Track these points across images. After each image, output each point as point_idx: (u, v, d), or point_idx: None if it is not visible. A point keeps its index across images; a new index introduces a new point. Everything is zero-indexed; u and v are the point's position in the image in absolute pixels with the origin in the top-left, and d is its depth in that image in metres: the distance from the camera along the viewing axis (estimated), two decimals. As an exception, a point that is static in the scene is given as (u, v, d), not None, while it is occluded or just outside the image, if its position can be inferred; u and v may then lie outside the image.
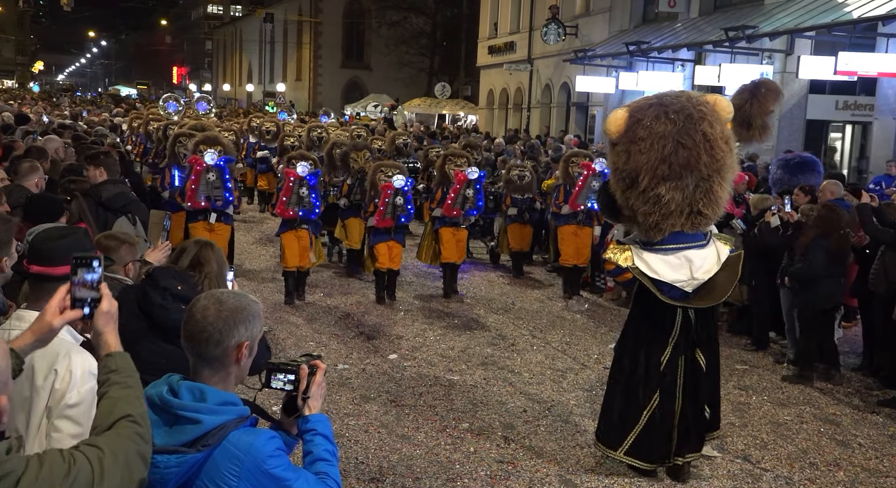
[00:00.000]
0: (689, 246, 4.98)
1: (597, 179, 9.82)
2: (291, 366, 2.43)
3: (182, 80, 77.01)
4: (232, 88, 66.14)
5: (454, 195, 9.85)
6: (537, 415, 6.51)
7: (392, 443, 5.85)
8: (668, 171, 4.72)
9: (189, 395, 2.23)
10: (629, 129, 4.83)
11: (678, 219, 4.85)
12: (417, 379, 7.22)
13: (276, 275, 10.55)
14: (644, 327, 5.19)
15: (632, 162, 4.80)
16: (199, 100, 23.14)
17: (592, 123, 27.99)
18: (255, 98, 57.33)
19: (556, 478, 5.44)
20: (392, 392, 6.87)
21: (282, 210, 9.28)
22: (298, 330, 8.58)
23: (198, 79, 75.84)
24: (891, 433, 6.53)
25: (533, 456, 5.77)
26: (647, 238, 5.02)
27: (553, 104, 29.89)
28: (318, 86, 52.84)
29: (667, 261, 4.93)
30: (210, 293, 2.36)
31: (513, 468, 5.56)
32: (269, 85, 57.73)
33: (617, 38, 25.13)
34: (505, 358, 7.95)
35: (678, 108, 4.76)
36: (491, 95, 34.79)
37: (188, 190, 9.04)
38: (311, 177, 9.19)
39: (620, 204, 5.01)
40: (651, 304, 5.08)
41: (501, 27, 33.72)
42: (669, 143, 4.71)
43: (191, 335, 2.27)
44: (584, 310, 9.92)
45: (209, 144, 9.20)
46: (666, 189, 4.74)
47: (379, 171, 9.64)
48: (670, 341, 5.07)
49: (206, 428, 2.17)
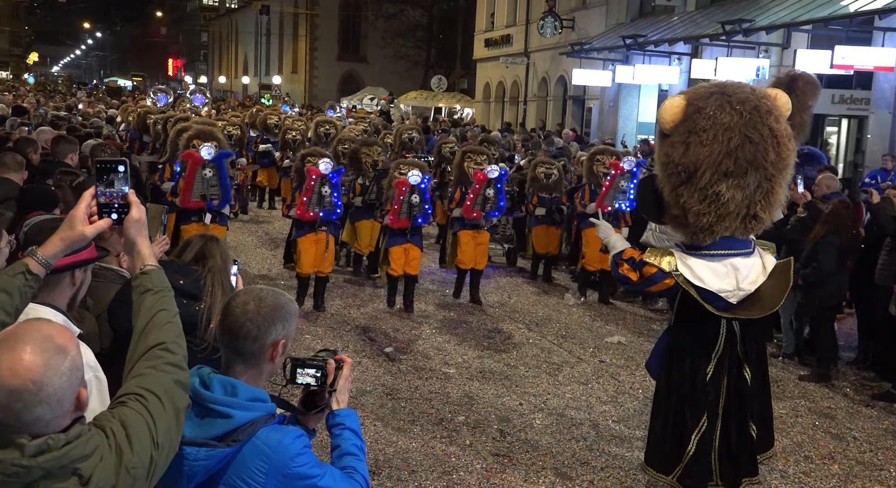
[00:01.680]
0: (737, 253, 4.52)
1: (625, 179, 9.43)
2: (317, 362, 2.41)
3: (177, 71, 76.74)
4: (228, 81, 65.93)
5: (474, 196, 9.23)
6: (533, 409, 6.52)
7: (388, 436, 5.85)
8: (732, 167, 4.26)
9: (221, 389, 2.22)
10: (688, 119, 4.34)
11: (733, 222, 4.38)
12: (413, 372, 7.23)
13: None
14: (687, 341, 4.70)
15: (690, 154, 4.30)
16: (195, 92, 22.91)
17: (589, 117, 27.98)
18: (250, 90, 57.16)
19: (552, 471, 5.45)
20: (388, 385, 6.87)
21: (301, 211, 8.48)
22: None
23: (193, 71, 75.61)
24: (885, 426, 6.55)
25: (528, 449, 5.78)
26: (694, 241, 4.51)
27: (549, 97, 29.87)
28: (314, 78, 52.71)
29: (712, 268, 4.47)
30: (249, 289, 2.36)
31: (508, 461, 5.57)
32: (265, 77, 57.54)
33: (613, 31, 25.12)
34: (500, 351, 7.96)
35: (743, 99, 4.33)
36: (487, 88, 34.75)
37: (181, 188, 8.31)
38: (334, 175, 8.52)
39: (668, 201, 4.49)
40: (694, 315, 4.60)
41: (498, 20, 33.66)
42: (735, 136, 4.25)
43: (229, 330, 2.27)
44: (579, 304, 9.93)
45: (204, 138, 8.52)
46: (727, 186, 4.28)
47: (397, 169, 9.04)
48: (713, 356, 4.62)
49: (236, 423, 2.16)
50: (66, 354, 1.80)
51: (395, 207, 8.76)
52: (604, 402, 6.74)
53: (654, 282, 4.55)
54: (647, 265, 4.55)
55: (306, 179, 8.43)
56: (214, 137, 8.63)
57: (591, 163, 9.97)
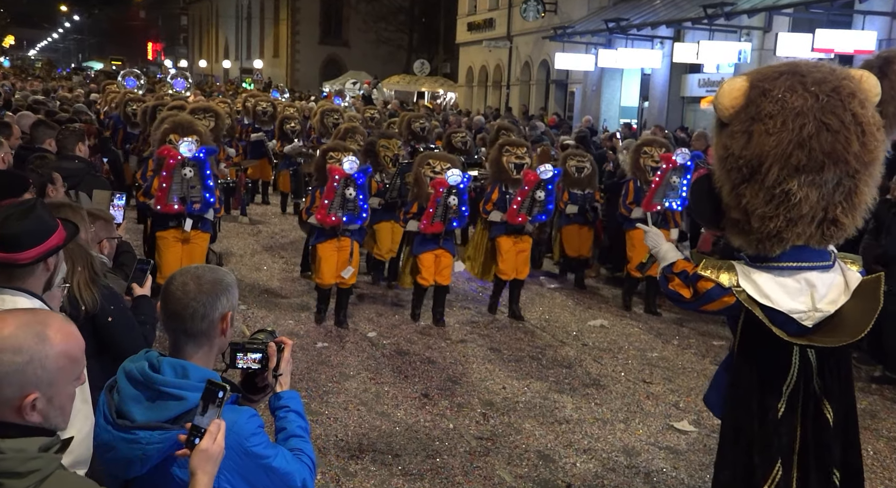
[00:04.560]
0: (813, 266, 3.72)
1: (677, 174, 8.44)
2: (258, 345, 2.44)
3: (157, 55, 76.00)
4: (208, 65, 65.35)
5: (522, 198, 8.17)
6: (516, 392, 6.55)
7: (371, 420, 5.87)
8: (805, 160, 3.52)
9: (171, 372, 2.23)
10: (751, 103, 3.64)
11: (807, 228, 3.62)
12: (397, 356, 7.24)
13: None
14: (752, 373, 3.89)
15: (754, 146, 3.60)
16: (176, 76, 22.53)
17: (572, 101, 28.02)
18: (231, 75, 56.71)
19: (535, 454, 5.49)
20: (371, 369, 6.88)
21: (322, 216, 7.47)
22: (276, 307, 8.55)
23: (173, 55, 74.81)
24: (863, 406, 6.62)
25: (512, 432, 5.81)
26: (760, 251, 3.73)
27: (532, 81, 29.86)
28: (295, 62, 52.34)
29: (782, 285, 3.70)
30: (184, 270, 2.36)
31: (492, 444, 5.60)
32: (247, 61, 57.09)
33: (596, 15, 25.12)
34: (483, 335, 7.98)
35: (819, 79, 3.61)
36: (470, 72, 34.67)
37: (157, 189, 7.23)
38: (360, 176, 7.50)
39: (728, 204, 3.74)
40: (760, 341, 3.81)
41: (480, 4, 33.56)
42: (810, 123, 3.52)
43: (175, 313, 2.28)
44: (562, 287, 9.96)
45: (183, 132, 7.59)
46: (799, 184, 3.54)
47: (426, 164, 8.01)
48: (784, 390, 3.83)
49: (189, 405, 2.17)
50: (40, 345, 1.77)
51: (430, 211, 7.75)
52: (586, 385, 6.78)
53: (711, 300, 3.79)
54: (702, 280, 3.78)
55: (328, 180, 7.42)
56: (195, 130, 7.71)
57: (638, 156, 8.88)
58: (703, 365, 7.39)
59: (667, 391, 6.75)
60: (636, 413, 6.27)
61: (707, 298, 3.78)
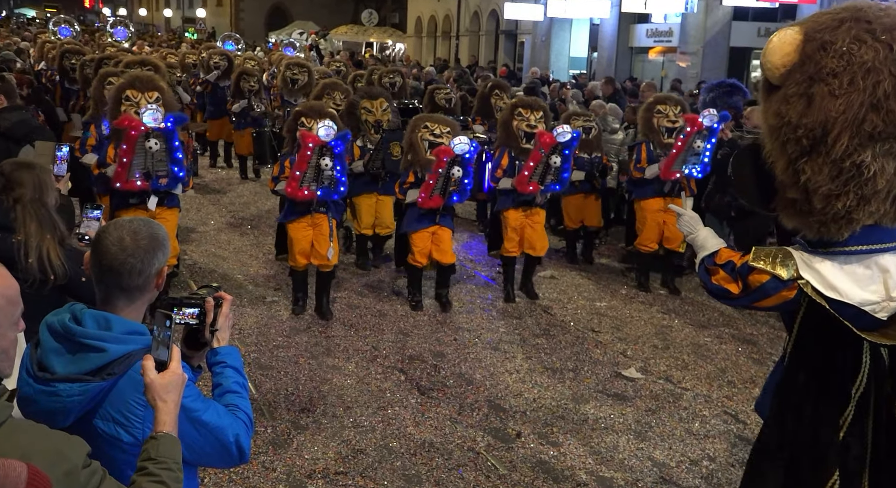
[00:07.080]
0: (886, 247, 3.10)
1: (702, 138, 7.51)
2: (195, 300, 2.40)
3: (95, 3, 73.36)
4: (149, 13, 63.32)
5: (535, 163, 7.29)
6: (466, 343, 6.60)
7: (322, 374, 5.86)
8: (881, 125, 2.90)
9: (93, 323, 2.18)
10: (808, 60, 3.00)
11: (881, 205, 3.00)
12: (348, 310, 7.22)
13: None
14: (812, 375, 3.32)
15: (816, 111, 2.96)
16: (116, 25, 21.56)
17: (521, 51, 27.85)
18: (173, 24, 55.06)
19: (486, 404, 5.55)
20: (322, 324, 6.85)
21: (293, 188, 6.57)
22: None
23: (112, 3, 72.33)
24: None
25: (463, 382, 5.86)
26: (823, 235, 3.11)
27: (482, 32, 29.60)
28: (240, 12, 50.90)
29: (850, 273, 3.12)
30: (118, 223, 2.29)
31: (443, 395, 5.65)
32: (189, 10, 55.39)
33: (546, -37, 24.84)
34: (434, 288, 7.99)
35: (890, 25, 2.94)
36: (419, 23, 34.21)
37: (118, 164, 6.36)
38: (338, 143, 6.54)
39: (783, 181, 3.12)
40: (822, 338, 3.27)
41: (429, -49, 32.96)
42: (885, 80, 2.88)
43: (110, 268, 2.23)
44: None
45: (142, 88, 6.57)
46: (873, 154, 2.93)
47: (422, 127, 7.10)
48: (853, 393, 3.25)
49: (111, 357, 2.13)
50: None
51: (429, 183, 6.90)
52: (536, 335, 6.86)
53: (767, 295, 3.17)
54: (755, 271, 3.17)
55: (301, 148, 6.53)
56: (156, 87, 6.65)
57: (650, 115, 7.90)
58: (650, 313, 7.52)
59: (615, 339, 6.87)
60: (584, 361, 6.37)
61: (762, 293, 3.19)
